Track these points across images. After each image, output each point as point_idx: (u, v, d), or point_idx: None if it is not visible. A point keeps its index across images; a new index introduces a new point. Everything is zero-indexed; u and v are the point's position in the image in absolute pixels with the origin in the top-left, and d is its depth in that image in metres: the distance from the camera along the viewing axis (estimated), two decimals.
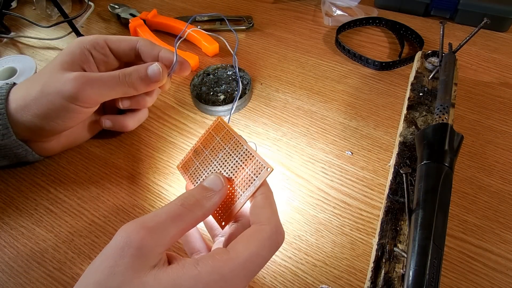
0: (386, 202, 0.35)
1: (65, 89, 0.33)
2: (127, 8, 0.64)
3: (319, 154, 0.42)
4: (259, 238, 0.24)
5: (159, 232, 0.23)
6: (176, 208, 0.25)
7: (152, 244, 0.22)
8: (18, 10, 0.69)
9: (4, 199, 0.39)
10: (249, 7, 0.67)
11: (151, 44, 0.38)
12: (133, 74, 0.35)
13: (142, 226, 0.23)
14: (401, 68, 0.53)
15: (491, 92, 0.49)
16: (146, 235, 0.22)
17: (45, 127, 0.35)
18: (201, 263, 0.22)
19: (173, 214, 0.24)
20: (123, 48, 0.38)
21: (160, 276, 0.22)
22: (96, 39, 0.38)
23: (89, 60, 0.37)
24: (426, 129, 0.35)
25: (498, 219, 0.36)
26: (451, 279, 0.32)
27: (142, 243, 0.22)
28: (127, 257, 0.22)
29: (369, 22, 0.62)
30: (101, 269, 0.21)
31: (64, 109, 0.34)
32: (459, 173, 0.40)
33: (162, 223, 0.23)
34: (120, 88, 0.35)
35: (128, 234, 0.22)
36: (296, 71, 0.53)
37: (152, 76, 0.36)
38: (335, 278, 0.32)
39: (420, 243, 0.27)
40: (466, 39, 0.43)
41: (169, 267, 0.22)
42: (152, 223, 0.23)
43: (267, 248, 0.24)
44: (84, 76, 0.34)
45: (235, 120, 0.46)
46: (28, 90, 0.35)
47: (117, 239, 0.22)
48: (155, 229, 0.23)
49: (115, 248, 0.22)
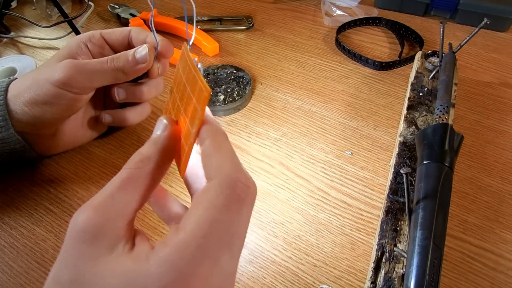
0: (386, 202, 0.35)
1: (54, 74, 0.34)
2: (127, 8, 0.64)
3: (319, 154, 0.42)
4: (208, 200, 0.19)
5: (108, 206, 0.20)
6: (121, 174, 0.21)
7: (101, 221, 0.19)
8: (18, 10, 0.69)
9: (4, 199, 0.39)
10: (249, 7, 0.67)
11: (140, 30, 0.39)
12: (121, 57, 0.36)
13: (87, 206, 0.20)
14: (401, 68, 0.53)
15: (491, 92, 0.49)
16: (92, 213, 0.19)
17: (35, 115, 0.35)
18: (152, 254, 0.19)
19: (119, 180, 0.21)
20: (117, 37, 0.39)
21: (115, 268, 0.19)
22: (92, 32, 0.39)
23: (85, 52, 0.38)
24: (426, 129, 0.35)
25: (498, 219, 0.36)
26: (451, 279, 0.32)
27: (88, 224, 0.19)
28: (76, 244, 0.19)
29: (369, 22, 0.62)
30: (57, 261, 0.19)
31: (53, 95, 0.34)
32: (459, 173, 0.40)
33: (109, 195, 0.20)
34: (109, 73, 0.36)
35: (74, 218, 0.19)
36: (296, 71, 0.53)
37: (139, 58, 0.36)
38: (335, 278, 0.32)
39: (420, 243, 0.27)
40: (466, 39, 0.43)
41: (128, 255, 0.19)
42: (97, 199, 0.20)
43: (223, 208, 0.19)
44: (72, 61, 0.35)
45: (235, 120, 0.46)
46: (22, 80, 0.36)
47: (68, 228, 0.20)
48: (101, 204, 0.20)
49: (66, 237, 0.20)
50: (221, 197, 0.19)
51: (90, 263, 0.19)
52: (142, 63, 0.36)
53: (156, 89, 0.41)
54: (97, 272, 0.18)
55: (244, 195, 0.20)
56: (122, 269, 0.18)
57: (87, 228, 0.19)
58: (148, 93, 0.40)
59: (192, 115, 0.22)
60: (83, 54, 0.38)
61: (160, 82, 0.41)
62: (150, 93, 0.40)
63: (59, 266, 0.19)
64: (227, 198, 0.19)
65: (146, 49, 0.36)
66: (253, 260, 0.34)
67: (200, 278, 0.18)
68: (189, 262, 0.18)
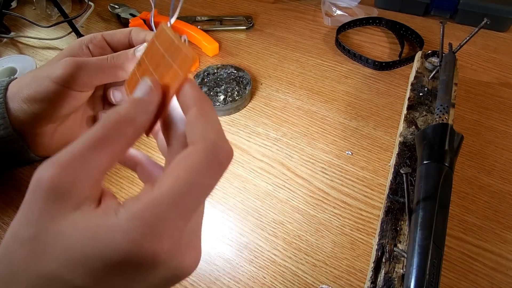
0: (386, 202, 0.35)
1: (55, 71, 0.34)
2: (127, 8, 0.64)
3: (319, 154, 0.42)
4: (191, 162, 0.19)
5: (77, 165, 0.19)
6: (95, 131, 0.20)
7: (68, 181, 0.18)
8: (18, 10, 0.69)
9: (4, 199, 0.39)
10: (249, 7, 0.67)
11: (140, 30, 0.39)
12: (121, 55, 0.36)
13: (54, 162, 0.19)
14: (401, 68, 0.53)
15: (491, 92, 0.49)
16: (59, 171, 0.18)
17: (33, 112, 0.35)
18: (122, 209, 0.18)
19: (92, 139, 0.20)
20: (118, 38, 0.39)
21: (80, 223, 0.18)
22: (94, 34, 0.39)
23: (86, 53, 0.38)
24: (426, 129, 0.35)
25: (498, 219, 0.36)
26: (451, 279, 0.32)
27: (54, 182, 0.18)
28: (40, 201, 0.18)
29: (369, 22, 0.62)
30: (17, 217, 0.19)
31: (52, 92, 0.34)
32: (459, 173, 0.40)
33: (79, 154, 0.19)
34: (109, 70, 0.35)
35: (38, 175, 0.19)
36: (296, 71, 0.53)
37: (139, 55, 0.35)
38: (335, 278, 0.32)
39: (420, 243, 0.27)
40: (466, 39, 0.43)
41: (93, 212, 0.19)
42: (65, 157, 0.19)
43: (205, 171, 0.19)
44: (73, 59, 0.35)
45: (235, 120, 0.46)
46: (23, 78, 0.36)
47: (30, 183, 0.19)
48: (70, 162, 0.19)
49: (28, 193, 0.19)
50: (204, 162, 0.19)
51: (53, 221, 0.18)
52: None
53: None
54: (60, 229, 0.18)
55: (226, 162, 0.20)
56: (87, 224, 0.18)
57: (52, 186, 0.18)
58: None
59: (172, 79, 0.23)
60: (84, 55, 0.38)
61: None
62: None
63: (19, 223, 0.18)
64: (210, 163, 0.19)
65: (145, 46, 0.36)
66: (253, 260, 0.34)
67: (170, 235, 0.18)
68: (161, 219, 0.18)
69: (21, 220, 0.18)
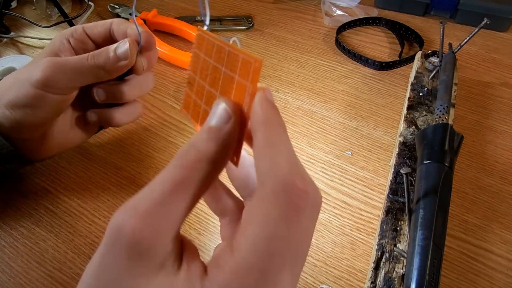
0: (386, 202, 0.35)
1: (33, 74, 0.32)
2: (127, 8, 0.64)
3: (319, 154, 0.42)
4: (261, 214, 0.17)
5: (159, 215, 0.17)
6: (175, 173, 0.17)
7: (152, 234, 0.16)
8: (18, 10, 0.69)
9: (4, 199, 0.39)
10: (249, 7, 0.67)
11: (122, 21, 0.37)
12: (101, 53, 0.33)
13: (133, 210, 0.17)
14: (401, 68, 0.53)
15: (491, 92, 0.49)
16: (140, 223, 0.16)
17: (16, 119, 0.33)
18: (207, 282, 0.16)
19: (173, 183, 0.17)
20: (98, 31, 0.37)
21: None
22: (75, 27, 0.37)
23: (67, 48, 0.36)
24: (426, 129, 0.35)
25: (498, 219, 0.36)
26: (451, 279, 0.32)
27: (136, 236, 0.16)
28: (121, 259, 0.16)
29: (369, 22, 0.62)
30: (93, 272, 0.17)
31: (33, 97, 0.32)
32: (459, 173, 0.40)
33: (160, 200, 0.17)
34: (90, 71, 0.33)
35: (116, 224, 0.16)
36: (296, 71, 0.53)
37: (120, 54, 0.33)
38: (335, 278, 0.32)
39: (420, 243, 0.27)
40: (466, 39, 0.43)
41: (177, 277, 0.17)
42: (145, 205, 0.17)
43: (281, 221, 0.16)
44: (51, 60, 0.32)
45: None
46: (6, 80, 0.34)
47: (107, 232, 0.17)
48: (151, 211, 0.17)
49: (106, 245, 0.17)
50: (276, 208, 0.16)
51: (135, 283, 0.16)
52: (123, 60, 0.33)
53: (140, 88, 0.38)
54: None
55: (302, 203, 0.17)
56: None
57: (134, 241, 0.16)
58: (130, 92, 0.37)
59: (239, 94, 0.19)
60: (65, 50, 0.35)
61: (146, 79, 0.38)
62: (132, 93, 0.37)
63: (98, 280, 0.16)
64: (283, 208, 0.16)
65: (127, 43, 0.33)
66: None
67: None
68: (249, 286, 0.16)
69: (100, 277, 0.17)
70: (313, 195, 0.18)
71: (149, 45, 0.35)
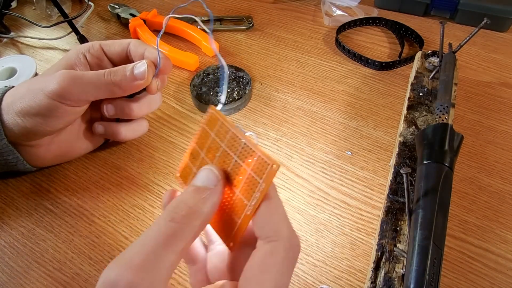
0: (386, 202, 0.35)
1: (49, 85, 0.33)
2: (127, 8, 0.64)
3: (319, 154, 0.42)
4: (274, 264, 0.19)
5: (152, 267, 0.17)
6: (166, 227, 0.19)
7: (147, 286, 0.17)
8: (18, 10, 0.69)
9: (4, 199, 0.39)
10: (249, 7, 0.67)
11: (139, 43, 0.38)
12: (118, 71, 0.34)
13: (129, 266, 0.17)
14: (401, 68, 0.53)
15: (491, 92, 0.49)
16: (136, 277, 0.17)
17: (27, 126, 0.34)
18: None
19: (164, 237, 0.19)
20: (115, 50, 0.38)
21: None
22: (92, 43, 0.38)
23: (83, 63, 0.37)
24: (426, 129, 0.35)
25: (498, 219, 0.36)
26: (451, 279, 0.32)
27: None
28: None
29: (369, 22, 0.62)
30: None
31: (46, 107, 0.33)
32: (459, 173, 0.40)
33: (153, 254, 0.18)
34: (105, 87, 0.34)
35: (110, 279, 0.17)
36: (296, 71, 0.53)
37: (137, 74, 0.34)
38: (335, 278, 0.32)
39: (420, 243, 0.27)
40: (466, 39, 0.43)
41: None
42: (139, 259, 0.18)
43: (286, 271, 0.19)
44: (68, 72, 0.33)
45: (235, 120, 0.46)
46: (18, 88, 0.35)
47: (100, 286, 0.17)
48: (144, 264, 0.17)
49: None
50: (285, 262, 0.19)
51: None
52: (140, 80, 0.34)
53: (149, 106, 0.39)
54: None
55: (297, 256, 0.21)
56: None
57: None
58: (139, 110, 0.38)
59: (248, 187, 0.21)
60: (81, 64, 0.37)
61: (155, 99, 0.39)
62: (140, 111, 0.39)
63: None
64: (289, 262, 0.20)
65: (145, 65, 0.34)
66: None
67: None
68: None
69: None
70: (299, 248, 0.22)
71: (166, 69, 0.37)
